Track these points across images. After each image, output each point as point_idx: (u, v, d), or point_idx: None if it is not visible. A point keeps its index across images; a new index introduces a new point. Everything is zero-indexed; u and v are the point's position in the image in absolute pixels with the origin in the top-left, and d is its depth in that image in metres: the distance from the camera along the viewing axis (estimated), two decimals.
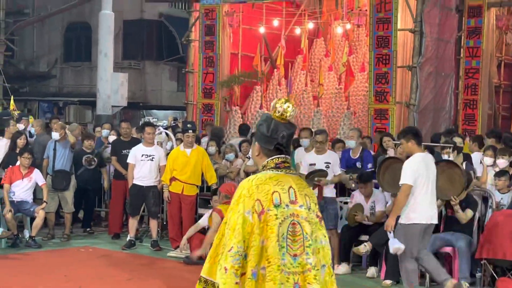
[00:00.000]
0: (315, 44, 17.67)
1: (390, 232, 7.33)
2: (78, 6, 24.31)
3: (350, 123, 14.53)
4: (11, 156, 11.02)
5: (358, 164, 10.04)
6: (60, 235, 11.16)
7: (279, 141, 3.80)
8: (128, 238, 10.66)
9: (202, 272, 3.81)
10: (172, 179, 10.33)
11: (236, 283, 3.62)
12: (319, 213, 3.88)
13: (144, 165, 10.51)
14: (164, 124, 19.31)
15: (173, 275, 8.87)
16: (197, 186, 10.56)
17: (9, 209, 10.13)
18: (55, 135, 11.19)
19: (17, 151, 10.86)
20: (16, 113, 13.54)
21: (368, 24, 13.86)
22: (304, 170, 9.53)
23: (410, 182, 7.22)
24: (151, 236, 10.63)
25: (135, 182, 10.54)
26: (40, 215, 10.30)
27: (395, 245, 7.26)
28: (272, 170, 3.81)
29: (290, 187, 3.77)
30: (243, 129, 13.63)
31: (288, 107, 3.82)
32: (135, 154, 10.62)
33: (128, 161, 10.71)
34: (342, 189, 10.15)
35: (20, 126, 12.19)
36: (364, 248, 8.69)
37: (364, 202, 9.28)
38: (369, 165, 10.11)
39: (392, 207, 8.18)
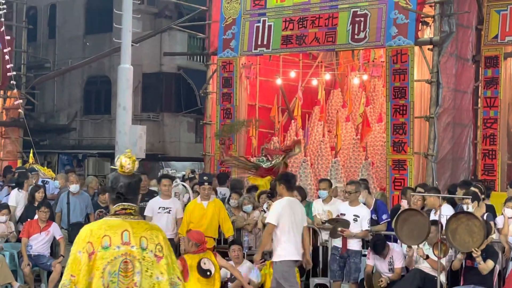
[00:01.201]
0: (332, 95, 17.73)
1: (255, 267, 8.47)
2: (98, 60, 24.67)
3: (368, 174, 14.46)
4: (29, 210, 11.06)
5: (374, 216, 9.94)
6: None
7: (119, 190, 4.37)
8: None
9: None
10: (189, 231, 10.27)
11: None
12: (158, 253, 4.31)
13: (161, 218, 10.48)
14: (182, 176, 19.33)
15: None
16: (214, 238, 10.51)
17: (27, 263, 10.13)
18: (74, 188, 11.24)
19: (35, 205, 10.90)
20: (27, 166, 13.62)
21: (384, 75, 13.91)
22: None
23: (273, 222, 8.11)
24: None
25: None
26: (56, 269, 10.26)
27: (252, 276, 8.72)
28: (111, 217, 4.40)
29: (125, 230, 4.29)
30: (221, 178, 13.56)
31: (126, 161, 4.40)
32: (152, 207, 10.61)
33: (145, 213, 10.67)
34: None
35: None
36: None
37: (381, 259, 9.18)
38: (384, 216, 10.01)
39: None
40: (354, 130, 16.22)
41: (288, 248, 8.12)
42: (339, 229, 9.34)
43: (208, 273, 8.24)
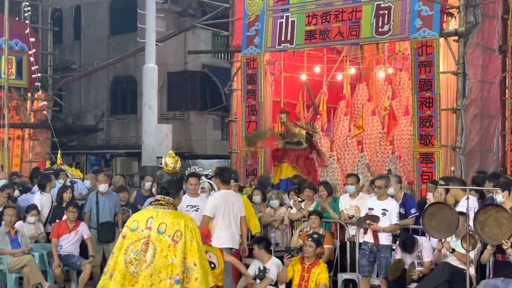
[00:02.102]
0: (358, 89, 17.65)
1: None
2: (123, 61, 24.82)
3: (395, 168, 14.37)
4: (57, 210, 11.15)
5: (402, 210, 9.86)
6: None
7: (163, 185, 5.13)
8: None
9: None
10: None
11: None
12: (176, 238, 4.92)
13: None
14: (209, 174, 19.38)
15: None
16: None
17: (58, 263, 10.22)
18: (102, 187, 11.32)
19: (63, 205, 11.00)
20: (55, 167, 13.73)
21: (410, 68, 13.80)
22: (362, 213, 9.69)
23: (208, 214, 9.06)
24: None
25: None
26: (87, 268, 10.34)
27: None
28: (149, 206, 5.21)
29: (151, 217, 5.02)
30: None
31: (169, 161, 5.18)
32: (180, 205, 10.61)
33: None
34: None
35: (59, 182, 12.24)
36: None
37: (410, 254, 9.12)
38: (413, 210, 9.92)
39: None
40: (380, 124, 16.12)
41: (223, 236, 9.03)
42: (367, 222, 9.30)
43: (212, 265, 8.26)
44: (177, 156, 5.21)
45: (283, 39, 14.92)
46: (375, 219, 9.28)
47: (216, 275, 8.15)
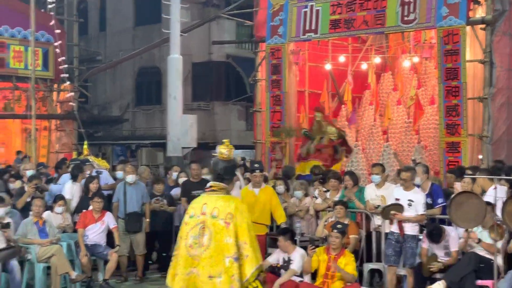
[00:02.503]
0: (383, 79, 17.51)
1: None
2: (148, 51, 24.91)
3: (421, 158, 14.26)
4: (84, 201, 11.26)
5: (429, 200, 9.79)
6: (133, 278, 11.27)
7: (218, 171, 5.57)
8: None
9: None
10: None
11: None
12: (228, 220, 5.38)
13: None
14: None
15: None
16: (266, 225, 10.52)
17: (85, 253, 10.33)
18: (130, 178, 11.39)
19: (90, 195, 11.09)
20: (81, 157, 13.81)
21: (436, 57, 13.67)
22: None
23: None
24: None
25: None
26: (113, 258, 10.44)
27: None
28: (204, 193, 5.66)
29: (205, 203, 5.52)
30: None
31: (224, 149, 5.61)
32: None
33: None
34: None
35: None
36: (438, 286, 8.42)
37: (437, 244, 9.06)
38: (440, 200, 9.84)
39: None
40: (406, 114, 16.00)
41: None
42: (392, 212, 9.25)
43: None
44: (231, 145, 5.65)
45: (307, 28, 14.86)
46: (399, 208, 9.23)
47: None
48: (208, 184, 5.68)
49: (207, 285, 5.33)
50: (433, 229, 9.11)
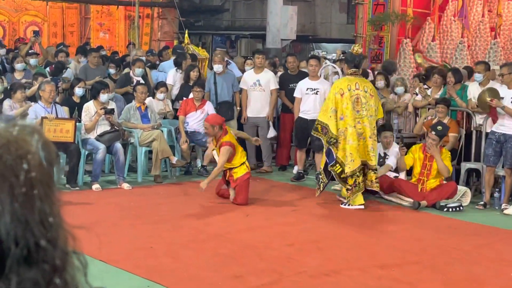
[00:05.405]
0: None
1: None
2: None
3: None
4: (184, 89, 11.48)
5: None
6: None
7: (355, 62, 8.93)
8: (296, 171, 10.85)
9: (318, 117, 9.03)
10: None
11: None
12: (372, 93, 8.90)
13: (308, 99, 10.54)
14: (333, 58, 19.20)
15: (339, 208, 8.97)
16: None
17: (185, 139, 10.63)
18: (216, 68, 11.45)
19: (190, 84, 11.28)
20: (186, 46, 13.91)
21: None
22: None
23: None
24: (316, 169, 10.71)
25: (300, 115, 10.63)
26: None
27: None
28: (348, 76, 8.94)
29: (356, 82, 8.77)
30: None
31: (358, 46, 9.28)
32: (301, 88, 10.67)
33: (294, 95, 10.78)
34: None
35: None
36: None
37: None
38: None
39: None
40: None
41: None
42: (488, 99, 8.96)
43: None
44: (360, 44, 7.91)
45: None
46: (496, 94, 8.95)
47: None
48: (352, 70, 8.84)
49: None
50: None
